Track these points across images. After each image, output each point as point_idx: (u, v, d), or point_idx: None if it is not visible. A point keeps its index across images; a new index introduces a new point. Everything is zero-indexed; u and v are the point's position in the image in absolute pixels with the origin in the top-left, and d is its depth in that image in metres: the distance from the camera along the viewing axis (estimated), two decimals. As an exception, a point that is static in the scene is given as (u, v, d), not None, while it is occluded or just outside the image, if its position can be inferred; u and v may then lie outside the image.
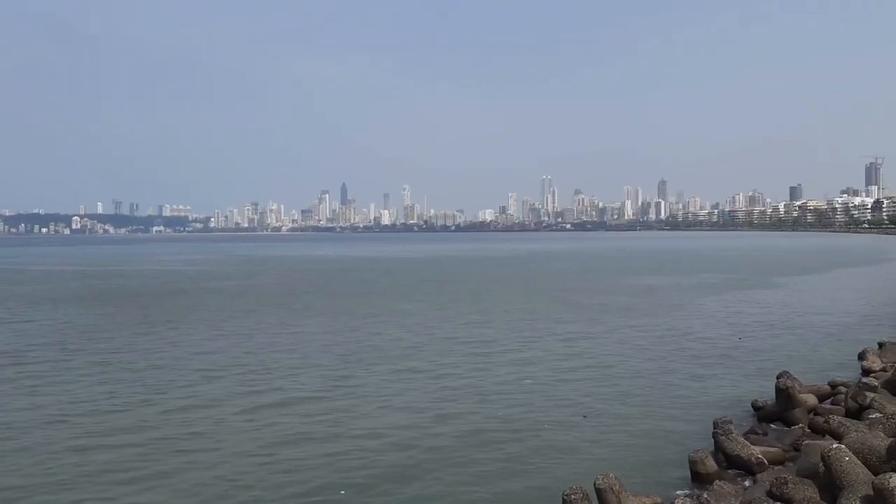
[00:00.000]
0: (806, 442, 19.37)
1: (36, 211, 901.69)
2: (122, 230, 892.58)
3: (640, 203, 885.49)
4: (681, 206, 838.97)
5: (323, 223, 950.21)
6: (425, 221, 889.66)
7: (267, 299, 68.42)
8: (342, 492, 18.75)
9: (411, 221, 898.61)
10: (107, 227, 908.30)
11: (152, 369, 34.51)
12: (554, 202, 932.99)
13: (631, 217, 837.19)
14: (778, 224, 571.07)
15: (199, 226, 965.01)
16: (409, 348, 39.92)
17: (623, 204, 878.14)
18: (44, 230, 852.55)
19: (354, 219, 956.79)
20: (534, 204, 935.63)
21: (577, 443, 22.64)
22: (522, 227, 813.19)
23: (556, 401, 27.77)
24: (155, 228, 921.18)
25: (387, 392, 29.51)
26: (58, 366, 35.54)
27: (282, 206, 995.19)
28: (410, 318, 52.53)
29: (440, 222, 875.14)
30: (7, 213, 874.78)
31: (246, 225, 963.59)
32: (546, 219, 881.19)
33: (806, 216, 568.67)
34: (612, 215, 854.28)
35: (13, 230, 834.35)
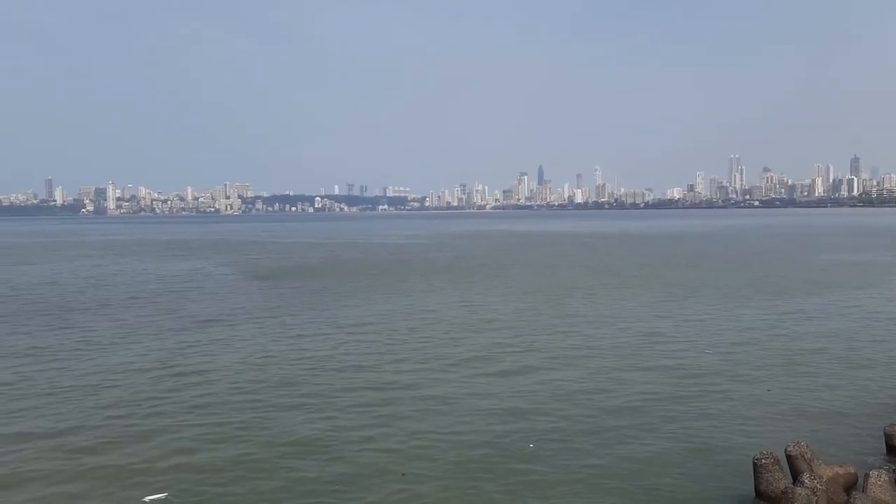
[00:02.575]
0: None
1: (287, 192, 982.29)
2: (354, 208, 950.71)
3: (831, 180, 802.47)
4: (875, 182, 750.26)
5: (522, 201, 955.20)
6: (615, 199, 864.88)
7: (477, 270, 70.52)
8: (531, 445, 19.31)
9: (602, 199, 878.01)
10: (342, 205, 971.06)
11: (387, 329, 37.17)
12: (742, 180, 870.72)
13: (821, 194, 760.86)
14: None
15: (416, 205, 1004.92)
16: (597, 320, 39.77)
17: (813, 181, 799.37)
18: (293, 208, 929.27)
19: (550, 198, 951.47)
20: (721, 182, 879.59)
21: (763, 413, 21.69)
22: (710, 204, 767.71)
23: (742, 372, 26.62)
24: (380, 207, 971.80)
25: (574, 357, 29.74)
26: (308, 324, 39.31)
27: (486, 187, 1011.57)
28: (603, 292, 52.07)
29: (629, 200, 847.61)
30: (265, 195, 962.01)
31: (455, 204, 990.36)
32: (734, 196, 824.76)
33: None
34: (801, 192, 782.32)
35: (270, 209, 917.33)
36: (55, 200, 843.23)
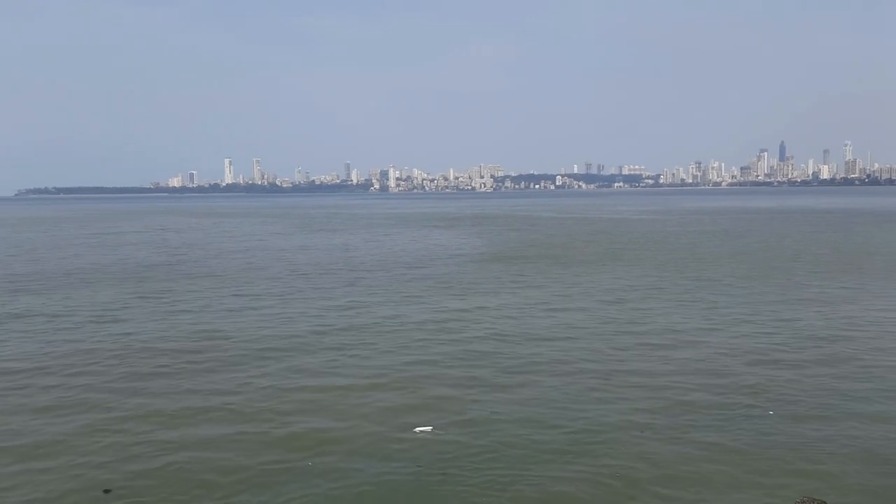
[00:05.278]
0: None
1: (531, 172, 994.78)
2: (591, 186, 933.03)
3: None
4: None
5: (760, 178, 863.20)
6: (867, 175, 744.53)
7: (712, 246, 66.21)
8: (770, 412, 18.22)
9: (852, 175, 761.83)
10: (580, 183, 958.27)
11: (623, 299, 36.80)
12: None
13: None
14: None
15: (650, 182, 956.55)
16: (838, 301, 35.42)
17: None
18: (536, 186, 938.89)
19: (792, 174, 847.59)
20: None
21: None
22: None
23: None
24: (616, 184, 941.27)
25: (820, 332, 27.02)
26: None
27: (722, 164, 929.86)
28: (852, 272, 46.06)
29: (885, 176, 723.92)
30: (513, 174, 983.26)
31: (690, 181, 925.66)
32: None
33: None
34: None
35: (516, 186, 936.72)
36: (351, 180, 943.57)
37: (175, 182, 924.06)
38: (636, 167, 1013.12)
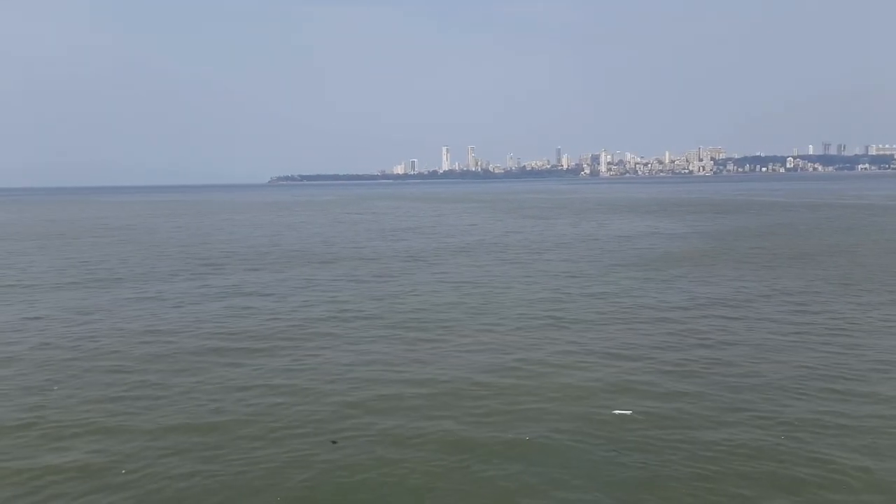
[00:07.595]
0: None
1: (757, 153, 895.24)
2: (829, 168, 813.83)
3: None
4: None
5: None
6: None
7: None
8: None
9: None
10: (816, 165, 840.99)
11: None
12: None
13: None
14: None
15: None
16: None
17: None
18: (763, 169, 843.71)
19: None
20: None
21: None
22: None
23: None
24: (860, 166, 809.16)
25: None
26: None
27: None
28: None
29: None
30: (736, 156, 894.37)
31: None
32: None
33: None
34: None
35: (740, 170, 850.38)
36: (561, 165, 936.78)
37: (399, 169, 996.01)
38: (887, 147, 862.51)
